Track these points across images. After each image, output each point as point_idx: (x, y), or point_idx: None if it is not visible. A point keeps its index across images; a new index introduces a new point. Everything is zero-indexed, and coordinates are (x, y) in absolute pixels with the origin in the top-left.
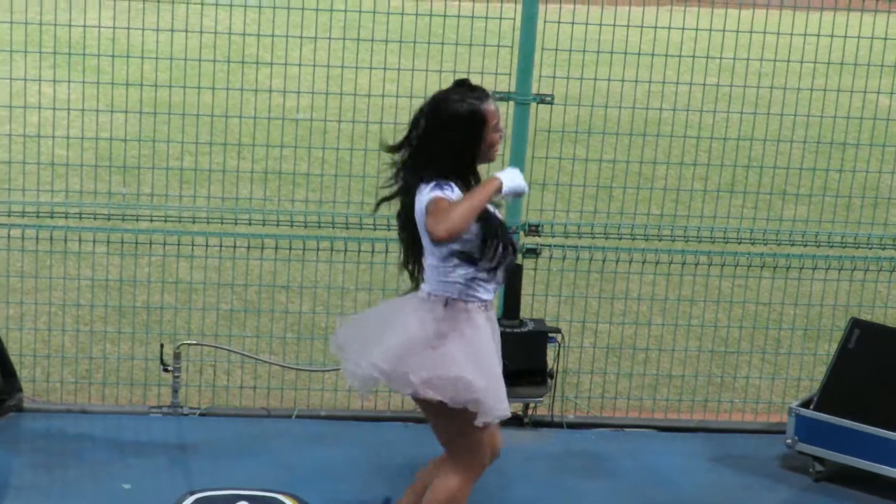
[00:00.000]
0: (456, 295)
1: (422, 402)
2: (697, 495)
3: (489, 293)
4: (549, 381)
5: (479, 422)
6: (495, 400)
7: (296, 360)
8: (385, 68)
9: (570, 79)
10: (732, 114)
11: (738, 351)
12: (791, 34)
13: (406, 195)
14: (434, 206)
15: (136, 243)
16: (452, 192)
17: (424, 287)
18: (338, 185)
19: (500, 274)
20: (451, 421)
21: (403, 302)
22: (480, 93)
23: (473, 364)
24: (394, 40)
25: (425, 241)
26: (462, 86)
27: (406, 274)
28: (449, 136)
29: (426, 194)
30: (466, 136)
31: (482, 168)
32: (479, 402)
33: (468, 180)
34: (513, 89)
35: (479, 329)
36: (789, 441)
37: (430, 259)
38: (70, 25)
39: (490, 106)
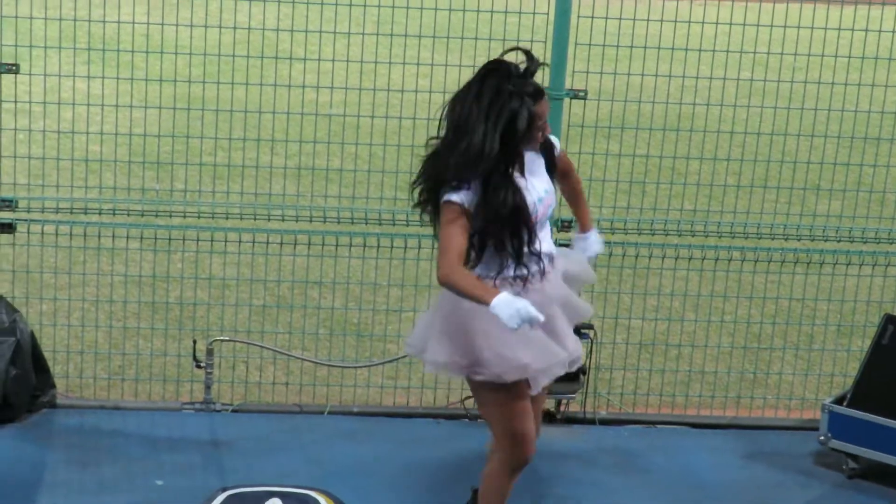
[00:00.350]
0: (483, 273)
1: (471, 384)
2: (729, 492)
3: (520, 269)
4: (581, 377)
5: (534, 388)
6: (541, 363)
7: (328, 356)
8: (418, 63)
9: (604, 74)
10: (766, 108)
11: (771, 347)
12: (825, 28)
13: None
14: (445, 224)
15: (170, 239)
16: (469, 192)
17: None
18: (371, 181)
19: (520, 259)
20: (491, 402)
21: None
22: (531, 85)
23: (502, 343)
24: (427, 35)
25: None
26: (518, 89)
27: None
28: (496, 120)
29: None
30: (512, 133)
31: None
32: (525, 368)
33: (508, 173)
34: (546, 84)
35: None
36: (822, 438)
37: None
38: (104, 21)
39: (538, 108)
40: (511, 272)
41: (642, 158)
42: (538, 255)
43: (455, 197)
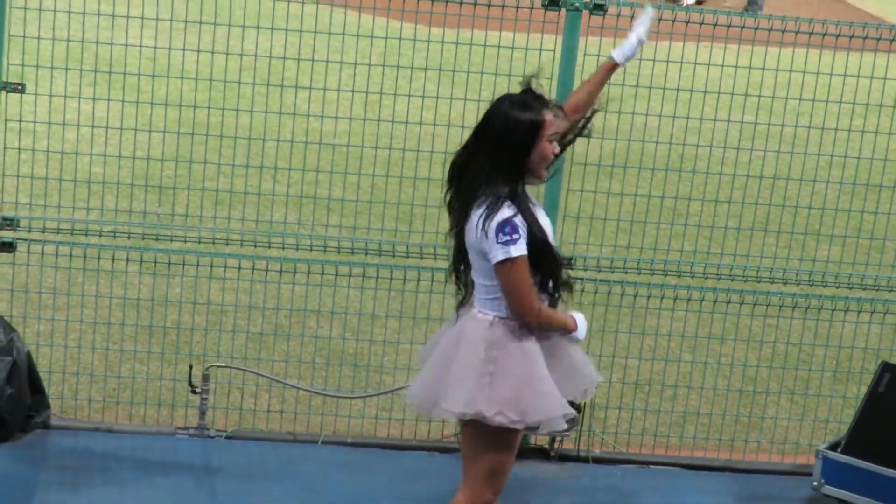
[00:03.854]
0: (504, 314)
1: (474, 426)
2: None
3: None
4: (576, 415)
5: (541, 431)
6: (555, 411)
7: (323, 385)
8: (423, 96)
9: (608, 112)
10: (768, 152)
11: (766, 391)
12: (830, 74)
13: (459, 203)
14: (519, 280)
15: (169, 263)
16: (522, 239)
17: (475, 304)
18: (371, 212)
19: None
20: (500, 444)
21: (456, 332)
22: (542, 100)
23: (526, 385)
24: (432, 68)
25: (474, 261)
26: (525, 92)
27: (451, 292)
28: (502, 145)
29: (496, 243)
30: (518, 145)
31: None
32: (543, 420)
33: (519, 193)
34: None
35: (527, 348)
36: (816, 483)
37: (478, 278)
38: (111, 44)
39: (546, 115)
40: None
41: (643, 198)
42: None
43: (521, 251)
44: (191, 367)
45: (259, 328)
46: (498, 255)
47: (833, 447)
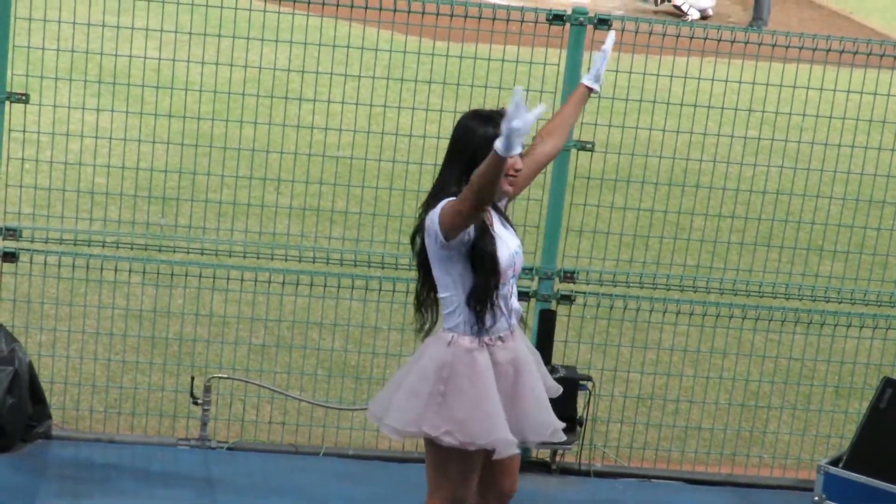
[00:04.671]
0: (460, 330)
1: (431, 445)
2: None
3: (493, 324)
4: (578, 428)
5: (497, 456)
6: (506, 434)
7: (325, 397)
8: (427, 109)
9: (612, 126)
10: (771, 167)
11: (768, 406)
12: (834, 90)
13: (421, 216)
14: (448, 204)
15: (172, 275)
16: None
17: (442, 323)
18: (374, 224)
19: (492, 309)
20: (460, 464)
21: (420, 348)
22: (500, 114)
23: (476, 407)
24: (437, 81)
25: (435, 271)
26: (484, 111)
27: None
28: (458, 156)
29: (435, 212)
30: (473, 156)
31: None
32: (493, 441)
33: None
34: None
35: (480, 371)
36: (817, 498)
37: (439, 290)
38: (116, 55)
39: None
40: (486, 325)
41: (646, 212)
42: (509, 310)
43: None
44: (192, 378)
45: (261, 340)
46: (437, 210)
47: (834, 462)
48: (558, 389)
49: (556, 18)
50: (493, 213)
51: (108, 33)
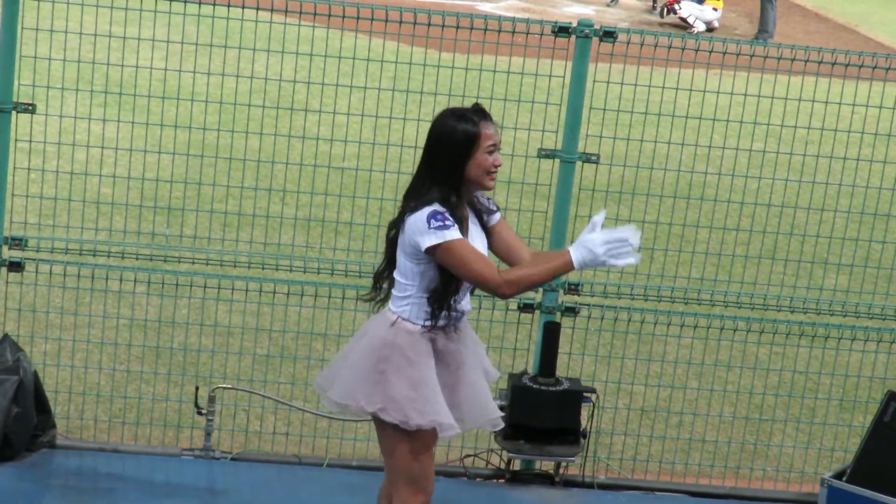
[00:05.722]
0: (406, 315)
1: (380, 427)
2: None
3: (440, 320)
4: (581, 440)
5: (442, 437)
6: (441, 418)
7: (329, 408)
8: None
9: (617, 139)
10: (776, 180)
11: (772, 419)
12: (839, 103)
13: (399, 213)
14: (465, 257)
15: (177, 285)
16: (455, 226)
17: (389, 302)
18: (379, 235)
19: (447, 309)
20: (407, 445)
21: (365, 325)
22: (477, 114)
23: (414, 389)
24: (443, 93)
25: (399, 257)
26: (471, 107)
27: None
28: (437, 154)
29: (427, 229)
30: (452, 154)
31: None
32: (430, 423)
33: (451, 201)
34: (559, 147)
35: (422, 353)
36: None
37: (397, 275)
38: (122, 65)
39: (483, 128)
40: (435, 321)
41: (651, 224)
42: (458, 310)
43: (455, 235)
44: (197, 388)
45: (266, 350)
46: (431, 239)
47: (839, 476)
48: (497, 374)
49: (562, 30)
50: (469, 210)
51: (115, 43)
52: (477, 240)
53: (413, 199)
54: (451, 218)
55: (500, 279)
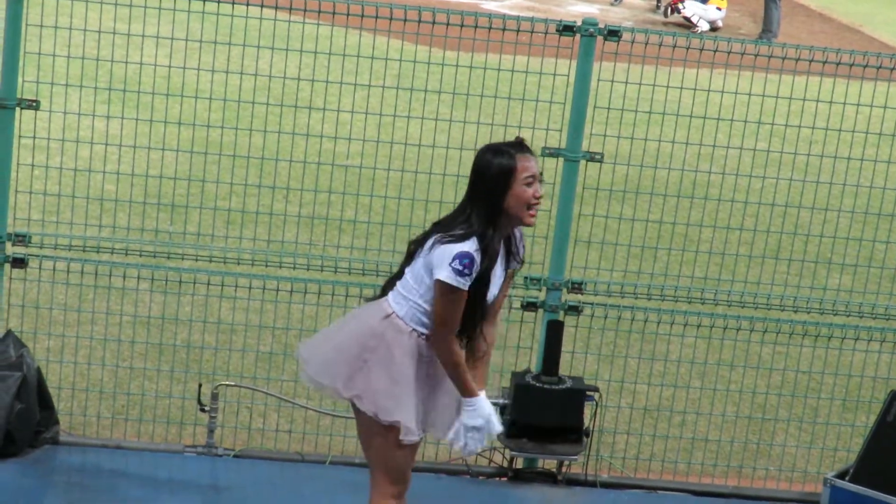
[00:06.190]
0: (401, 314)
1: (357, 413)
2: None
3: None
4: (584, 439)
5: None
6: (408, 421)
7: (332, 406)
8: (436, 119)
9: (621, 138)
10: (780, 180)
11: (775, 418)
12: (844, 103)
13: (431, 230)
14: (453, 310)
15: (180, 282)
16: (471, 279)
17: (390, 294)
18: (383, 233)
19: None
20: (382, 437)
21: (359, 308)
22: (514, 147)
23: (392, 385)
24: (446, 91)
25: (416, 263)
26: (495, 145)
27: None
28: (476, 188)
29: (447, 265)
30: (490, 188)
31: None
32: (394, 422)
33: (488, 235)
34: (563, 145)
35: (407, 353)
36: None
37: (408, 273)
38: (126, 62)
39: (521, 161)
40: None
41: (655, 224)
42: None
43: (466, 287)
44: (200, 385)
45: (269, 348)
46: (445, 275)
47: (841, 476)
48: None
49: (567, 29)
50: (502, 247)
51: (119, 40)
52: (498, 279)
53: (450, 227)
54: (474, 270)
55: (445, 333)
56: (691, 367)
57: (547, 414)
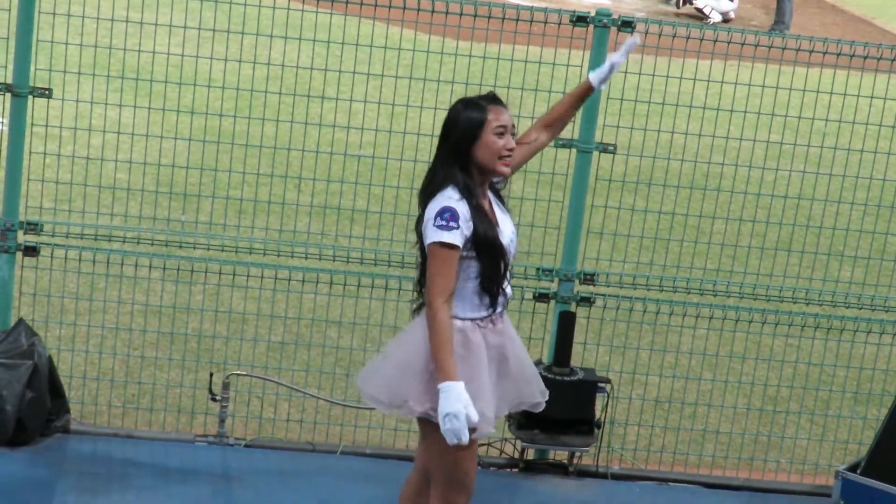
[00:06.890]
0: (451, 311)
1: (423, 426)
2: None
3: (487, 309)
4: (595, 430)
5: (475, 436)
6: (484, 421)
7: (343, 395)
8: (448, 109)
9: (634, 129)
10: (792, 172)
11: (786, 411)
12: (857, 95)
13: (419, 207)
14: (440, 266)
15: (192, 271)
16: (458, 231)
17: None
18: (395, 224)
19: (498, 294)
20: (447, 447)
21: (414, 323)
22: (486, 99)
23: (468, 384)
24: (459, 81)
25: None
26: (469, 97)
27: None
28: (446, 139)
29: (431, 226)
30: (459, 137)
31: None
32: (481, 415)
33: (465, 184)
34: (576, 136)
35: (472, 349)
36: None
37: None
38: (139, 51)
39: (492, 112)
40: (483, 313)
41: (667, 215)
42: (505, 297)
43: (452, 239)
44: (211, 374)
45: (280, 337)
46: (430, 236)
47: (853, 468)
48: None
49: (580, 20)
50: (490, 195)
51: (131, 29)
52: (507, 224)
53: (428, 189)
54: (458, 220)
55: (438, 305)
56: (703, 358)
57: (558, 405)
